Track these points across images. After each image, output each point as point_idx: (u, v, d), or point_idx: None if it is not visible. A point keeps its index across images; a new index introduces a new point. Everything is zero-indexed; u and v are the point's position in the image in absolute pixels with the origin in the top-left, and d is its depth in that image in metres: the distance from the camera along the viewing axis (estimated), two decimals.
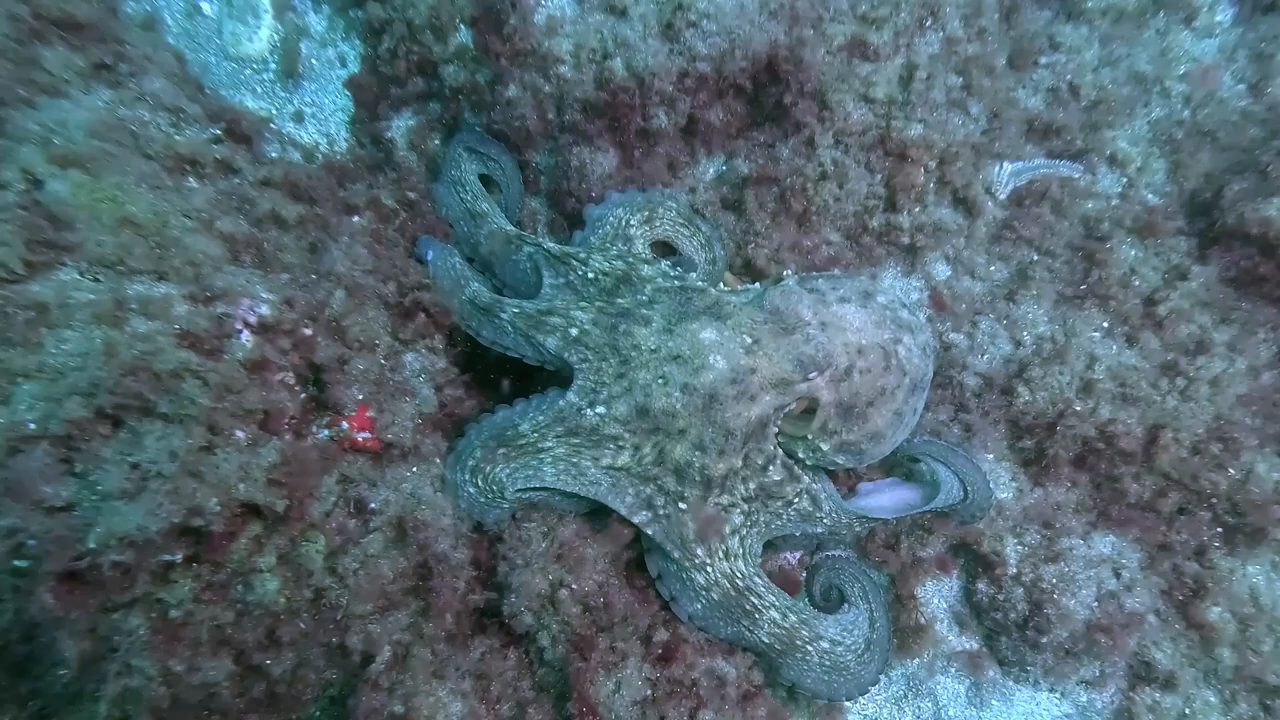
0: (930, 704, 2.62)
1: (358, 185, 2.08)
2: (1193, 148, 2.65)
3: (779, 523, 2.20)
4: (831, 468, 2.30)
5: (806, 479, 2.17)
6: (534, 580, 2.12)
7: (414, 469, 2.04)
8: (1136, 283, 2.62)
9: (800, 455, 2.23)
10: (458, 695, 2.01)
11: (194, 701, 1.68)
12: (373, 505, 1.93)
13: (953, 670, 2.64)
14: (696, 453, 2.05)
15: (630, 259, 2.19)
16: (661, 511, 2.11)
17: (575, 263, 2.16)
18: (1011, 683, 2.64)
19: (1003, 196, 2.67)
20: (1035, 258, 2.79)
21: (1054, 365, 2.62)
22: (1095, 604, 2.47)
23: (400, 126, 2.49)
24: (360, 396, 1.83)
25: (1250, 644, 2.45)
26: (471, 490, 2.12)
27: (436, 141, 2.43)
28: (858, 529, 2.33)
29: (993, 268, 2.83)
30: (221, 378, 1.61)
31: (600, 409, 2.06)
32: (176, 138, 1.81)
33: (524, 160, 2.30)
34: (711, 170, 2.47)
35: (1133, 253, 2.65)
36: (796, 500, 2.17)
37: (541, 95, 2.09)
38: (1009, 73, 2.59)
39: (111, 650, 1.55)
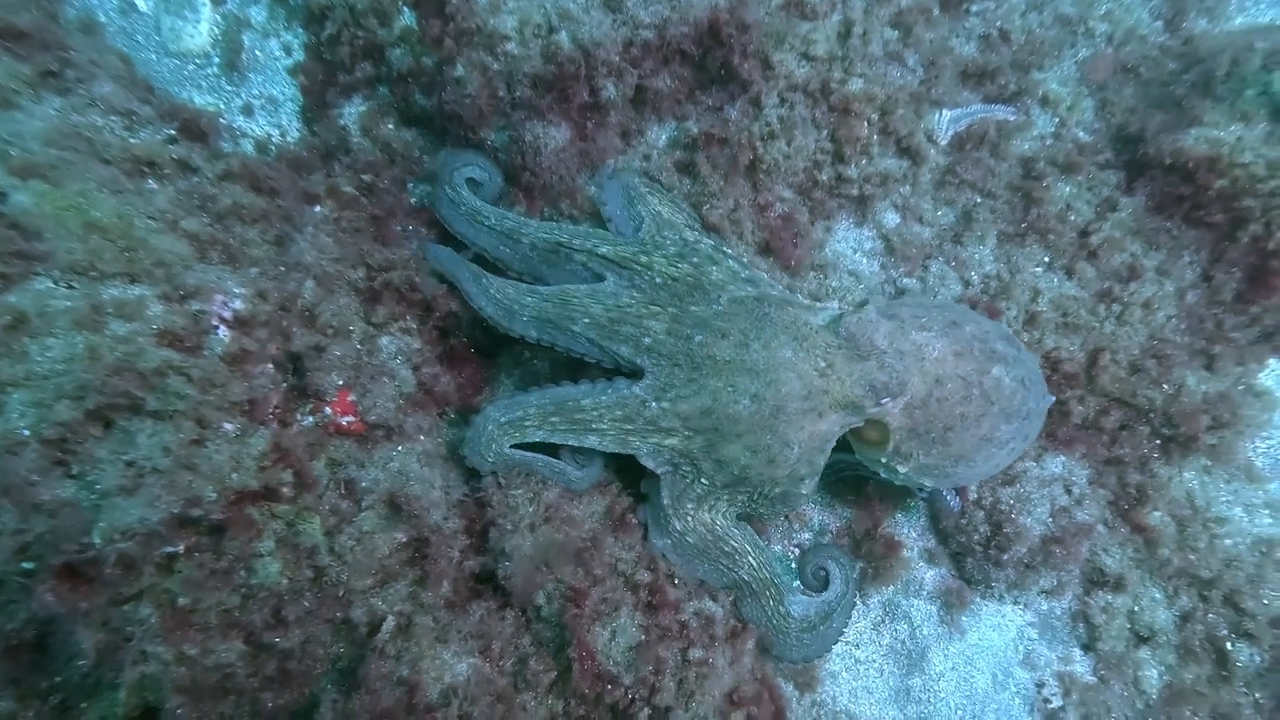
0: (905, 625, 2.80)
1: (315, 175, 2.11)
2: (1117, 85, 2.78)
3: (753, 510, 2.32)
4: (918, 488, 2.39)
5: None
6: (525, 544, 2.23)
7: (400, 448, 2.12)
8: (1072, 217, 2.77)
9: (883, 476, 2.34)
10: (461, 656, 2.12)
11: (211, 683, 1.77)
12: (363, 484, 2.01)
13: (924, 593, 2.83)
14: (747, 453, 2.14)
15: (695, 260, 2.22)
16: (683, 470, 2.21)
17: (639, 268, 2.20)
18: (979, 599, 2.84)
19: (944, 143, 2.78)
20: (978, 200, 2.91)
21: (1001, 301, 2.77)
22: (1049, 519, 2.66)
23: (352, 113, 2.50)
24: (340, 382, 1.89)
25: (1188, 542, 2.67)
26: (494, 436, 2.15)
27: (390, 126, 2.45)
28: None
29: (939, 212, 2.95)
30: (204, 373, 1.66)
31: (665, 404, 2.14)
32: (132, 140, 1.82)
33: (478, 139, 2.34)
34: (664, 137, 2.53)
35: (1067, 189, 2.79)
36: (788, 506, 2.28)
37: (490, 73, 2.13)
38: (943, 20, 2.68)
39: (126, 640, 1.62)
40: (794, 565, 2.73)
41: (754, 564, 2.33)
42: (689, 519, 2.28)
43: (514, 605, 2.29)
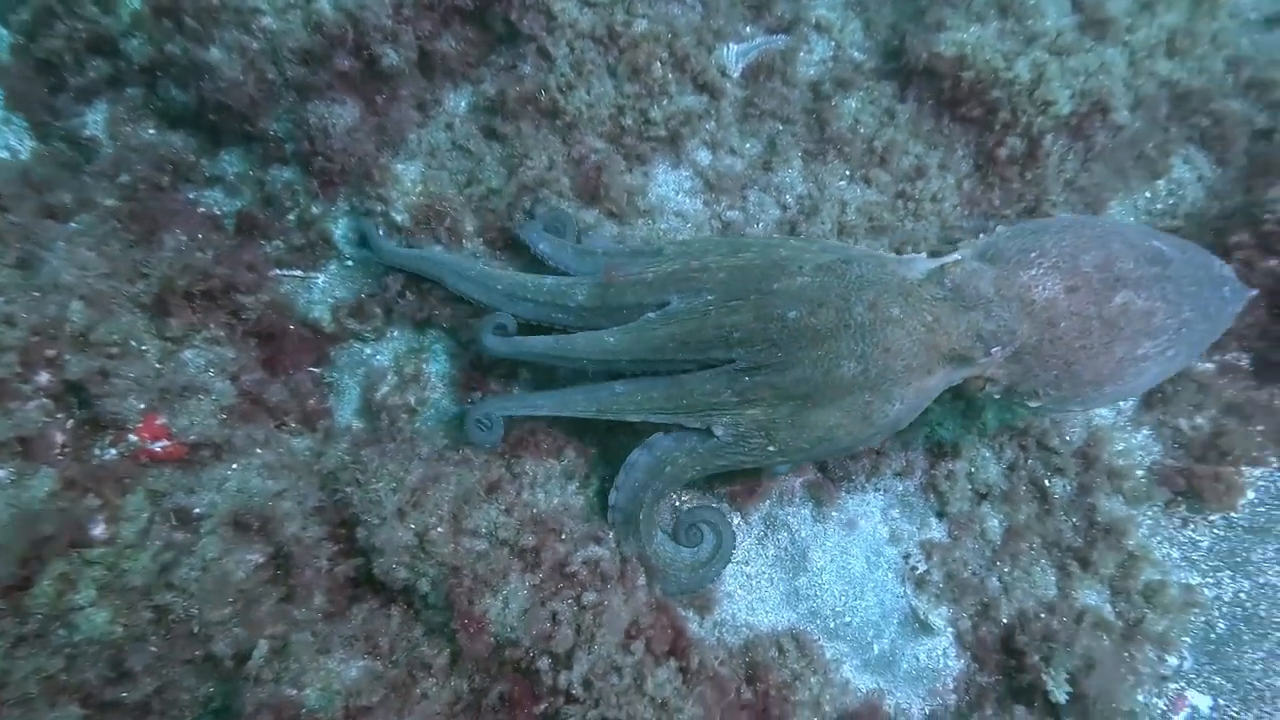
0: (786, 533, 2.99)
1: (60, 190, 1.89)
2: (877, 4, 3.03)
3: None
4: (1059, 416, 2.39)
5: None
6: (397, 534, 2.17)
7: (235, 465, 1.98)
8: (861, 130, 3.00)
9: (1022, 414, 2.32)
10: (349, 661, 2.04)
11: None
12: (197, 511, 1.87)
13: (797, 498, 3.03)
14: (839, 414, 2.12)
15: (756, 248, 2.21)
16: (749, 440, 2.23)
17: (696, 273, 2.17)
18: (844, 493, 3.08)
19: (736, 75, 2.92)
20: (780, 127, 3.09)
21: (815, 217, 2.98)
22: None
23: (97, 120, 2.24)
24: (142, 406, 1.73)
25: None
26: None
27: (151, 131, 2.23)
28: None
29: (747, 144, 3.11)
30: None
31: (759, 378, 2.11)
32: None
33: (257, 130, 2.19)
34: (462, 103, 2.49)
35: (853, 104, 3.02)
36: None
37: (251, 54, 1.99)
38: None
39: None
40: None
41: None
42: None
43: (398, 599, 2.23)
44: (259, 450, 2.04)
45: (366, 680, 2.03)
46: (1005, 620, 2.77)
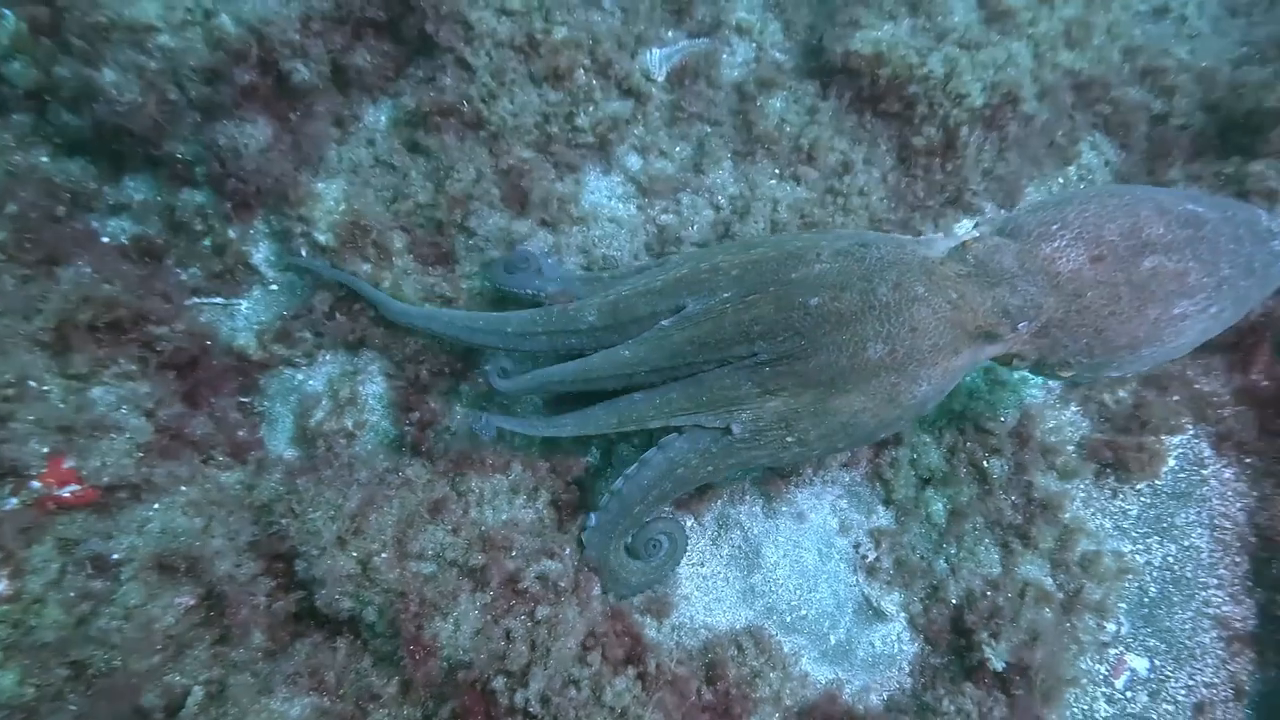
0: (739, 532, 3.01)
1: None
2: (794, 6, 3.09)
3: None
4: (1097, 380, 2.34)
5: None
6: (338, 564, 2.10)
7: (156, 505, 1.89)
8: (787, 129, 3.05)
9: (1056, 381, 2.24)
10: (292, 699, 1.97)
11: None
12: (115, 556, 1.77)
13: (748, 496, 3.05)
14: (863, 398, 2.07)
15: (770, 242, 2.19)
16: (766, 435, 2.18)
17: (708, 274, 2.13)
18: (793, 488, 3.11)
19: (661, 79, 2.94)
20: (708, 129, 3.12)
21: (749, 216, 3.01)
22: None
23: None
24: (46, 450, 1.64)
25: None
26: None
27: (44, 159, 2.10)
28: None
29: (677, 147, 3.13)
30: None
31: (781, 368, 2.07)
32: None
33: (164, 154, 2.10)
34: (382, 117, 2.43)
35: (778, 104, 3.07)
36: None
37: (149, 74, 1.90)
38: None
39: None
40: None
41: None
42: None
43: (344, 630, 2.16)
44: (183, 487, 1.95)
45: (313, 717, 1.96)
46: (954, 601, 2.84)
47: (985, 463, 3.02)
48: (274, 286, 2.41)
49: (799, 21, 3.08)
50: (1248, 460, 2.72)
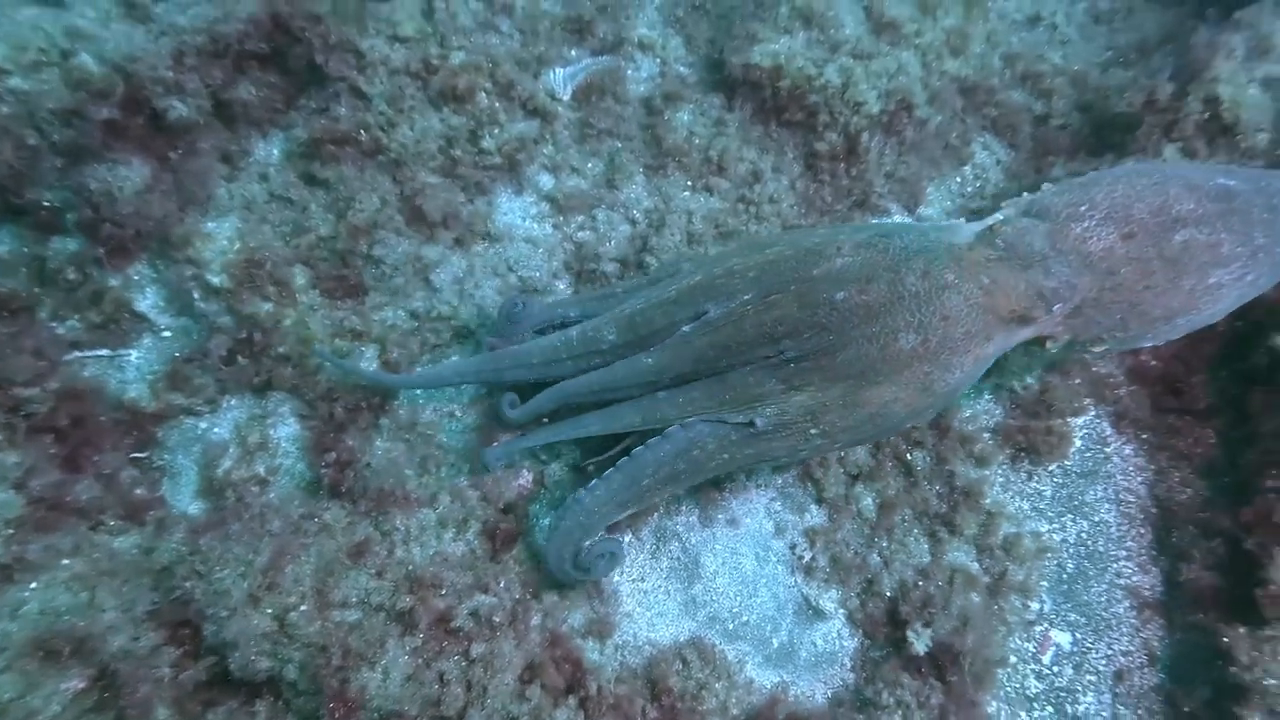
0: (677, 543, 3.01)
1: None
2: (693, 21, 3.14)
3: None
4: (1129, 350, 2.33)
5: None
6: (252, 623, 1.99)
7: (33, 584, 1.74)
8: (696, 141, 3.09)
9: (1087, 355, 2.24)
10: None
11: None
12: None
13: (684, 508, 3.06)
14: (894, 388, 2.02)
15: (785, 240, 2.16)
16: (786, 430, 2.15)
17: (724, 277, 2.09)
18: (727, 494, 3.13)
19: (567, 98, 2.93)
20: (618, 145, 3.13)
21: (665, 229, 3.03)
22: None
23: None
24: None
25: None
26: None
27: None
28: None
29: (589, 164, 3.12)
30: None
31: (807, 364, 2.04)
32: None
33: (27, 202, 1.96)
34: (275, 151, 2.34)
35: (685, 117, 3.11)
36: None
37: (1, 119, 1.78)
38: None
39: None
40: None
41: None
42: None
43: (263, 692, 2.05)
44: (65, 561, 1.81)
45: None
46: (889, 594, 2.91)
47: (909, 455, 3.10)
48: (167, 333, 2.28)
49: (699, 36, 3.13)
50: (1144, 436, 2.89)
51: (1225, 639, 2.32)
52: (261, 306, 2.22)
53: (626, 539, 2.95)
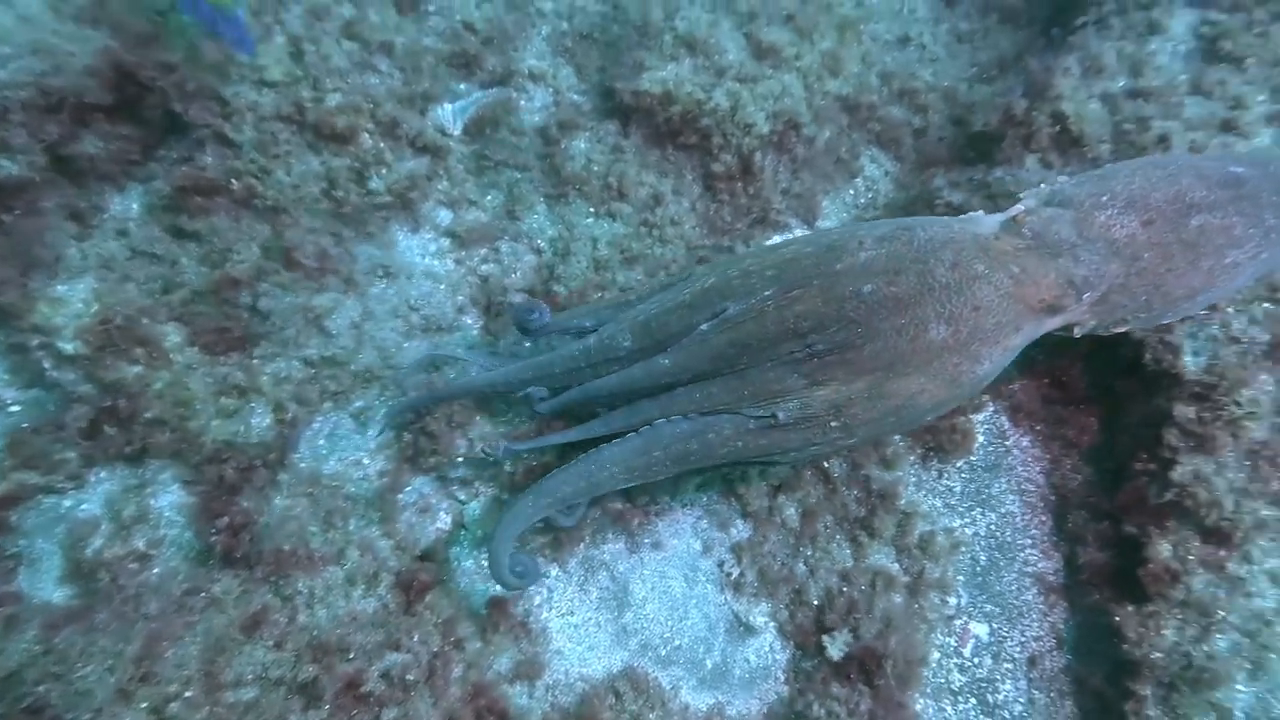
0: (605, 572, 2.97)
1: None
2: (582, 51, 3.15)
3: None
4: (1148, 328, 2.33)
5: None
6: None
7: None
8: (595, 168, 3.09)
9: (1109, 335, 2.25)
10: None
11: None
12: None
13: (610, 536, 3.02)
14: (922, 379, 1.98)
15: (802, 239, 2.17)
16: (806, 423, 2.14)
17: (741, 276, 2.08)
18: (654, 518, 3.12)
19: (458, 133, 2.89)
20: (517, 175, 3.10)
21: (571, 257, 3.01)
22: None
23: None
24: None
25: None
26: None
27: None
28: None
29: (487, 196, 3.08)
30: None
31: (832, 358, 2.03)
32: None
33: None
34: (134, 205, 2.21)
35: (582, 145, 3.11)
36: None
37: None
38: (406, 23, 2.75)
39: None
40: None
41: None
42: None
43: None
44: None
45: None
46: (816, 602, 2.94)
47: (825, 463, 3.17)
48: (15, 408, 2.10)
49: (589, 65, 3.14)
50: (1038, 428, 3.03)
51: (1116, 617, 2.44)
52: (128, 370, 2.08)
53: (554, 572, 2.90)
